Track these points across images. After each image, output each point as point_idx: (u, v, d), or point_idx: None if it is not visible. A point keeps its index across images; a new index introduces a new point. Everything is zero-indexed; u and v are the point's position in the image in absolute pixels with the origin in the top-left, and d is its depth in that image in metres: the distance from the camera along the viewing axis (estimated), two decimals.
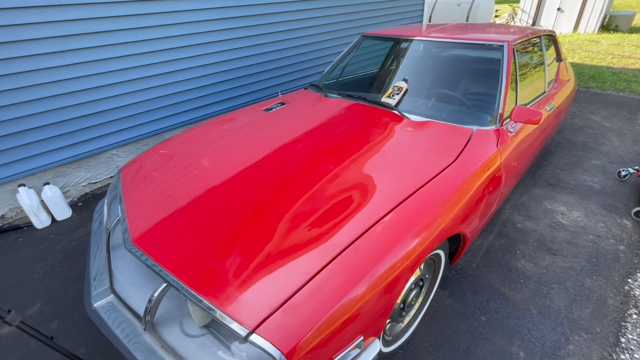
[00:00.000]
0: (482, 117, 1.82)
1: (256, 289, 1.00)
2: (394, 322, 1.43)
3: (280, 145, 1.71)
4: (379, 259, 1.07)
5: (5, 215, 2.61)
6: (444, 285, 1.86)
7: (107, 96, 2.76)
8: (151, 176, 1.66)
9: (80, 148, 2.78)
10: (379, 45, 2.70)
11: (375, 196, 1.28)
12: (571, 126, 3.82)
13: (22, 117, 2.42)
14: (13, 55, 2.26)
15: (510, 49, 1.96)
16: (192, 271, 1.10)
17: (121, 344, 1.14)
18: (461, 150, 1.56)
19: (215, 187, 1.44)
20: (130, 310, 1.24)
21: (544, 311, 1.69)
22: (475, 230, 1.59)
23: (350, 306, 0.99)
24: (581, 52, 7.80)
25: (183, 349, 1.09)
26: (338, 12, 4.42)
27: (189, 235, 1.23)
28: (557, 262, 1.99)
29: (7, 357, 1.59)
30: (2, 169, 2.45)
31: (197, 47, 3.16)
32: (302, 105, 2.22)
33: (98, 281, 1.39)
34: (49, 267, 2.14)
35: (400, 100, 1.99)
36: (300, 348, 0.90)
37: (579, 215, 2.37)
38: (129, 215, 1.43)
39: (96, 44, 2.58)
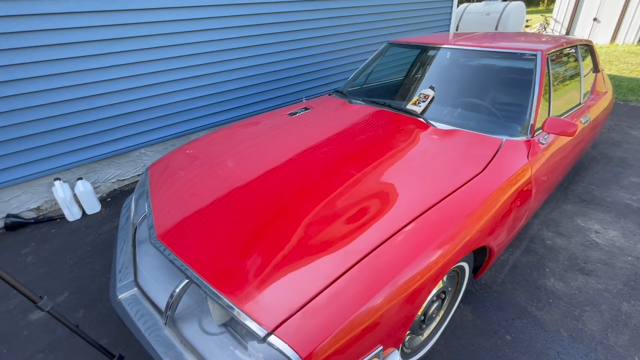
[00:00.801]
0: (512, 127, 1.75)
1: (276, 290, 1.00)
2: (414, 334, 1.38)
3: (304, 149, 1.71)
4: (401, 267, 1.04)
5: (40, 207, 2.76)
6: (467, 300, 1.78)
7: (138, 98, 2.89)
8: (177, 175, 1.70)
9: (112, 146, 2.91)
10: (405, 53, 2.68)
11: (399, 203, 1.26)
12: (608, 140, 3.62)
13: (62, 115, 2.57)
14: (58, 56, 2.41)
15: (543, 58, 1.89)
16: (213, 269, 1.11)
17: (142, 336, 1.16)
18: (489, 161, 1.51)
19: (239, 188, 1.46)
20: (152, 304, 1.27)
21: (575, 335, 1.59)
22: (502, 244, 1.52)
23: (371, 314, 0.96)
24: (619, 64, 7.44)
25: (201, 345, 1.10)
26: (365, 20, 4.45)
27: (212, 233, 1.25)
28: (591, 283, 1.87)
29: (35, 342, 1.66)
30: (42, 163, 2.60)
31: (224, 53, 3.26)
32: (326, 110, 2.23)
33: (123, 274, 1.43)
34: (78, 259, 2.23)
35: (427, 108, 1.96)
36: (319, 353, 0.88)
37: (615, 235, 2.23)
38: (155, 211, 1.47)
39: (131, 47, 2.72)
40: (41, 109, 2.47)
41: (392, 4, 4.72)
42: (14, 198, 2.62)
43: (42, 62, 2.38)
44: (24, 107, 2.39)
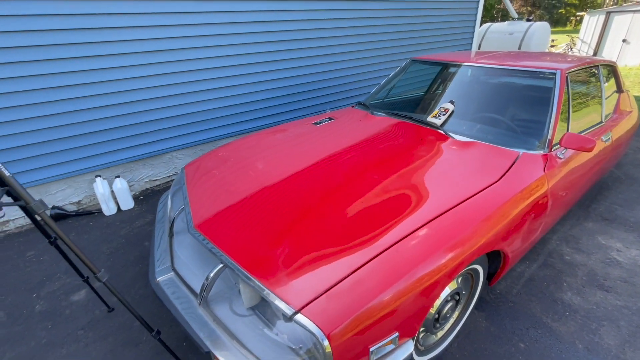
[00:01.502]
0: (530, 141, 1.82)
1: (303, 275, 1.11)
2: (428, 332, 1.44)
3: (329, 154, 1.84)
4: (418, 262, 1.13)
5: (81, 201, 3.00)
6: (481, 308, 1.82)
7: (173, 105, 3.12)
8: (212, 173, 1.86)
9: (147, 148, 3.14)
10: (426, 70, 2.80)
11: (417, 206, 1.35)
12: (634, 162, 3.56)
13: (106, 118, 2.82)
14: (107, 65, 2.68)
15: (563, 76, 1.96)
16: (246, 255, 1.23)
17: (179, 314, 1.29)
18: (506, 171, 1.58)
19: (269, 187, 1.59)
20: (187, 286, 1.40)
21: (591, 347, 1.59)
22: (517, 252, 1.57)
23: (389, 302, 1.05)
24: None
25: (231, 324, 1.21)
26: (390, 37, 4.62)
27: (245, 225, 1.38)
28: (610, 300, 1.86)
29: (76, 320, 1.82)
30: (86, 161, 2.85)
31: (252, 66, 3.48)
32: (349, 121, 2.36)
33: (161, 260, 1.58)
34: (113, 249, 2.42)
35: (446, 121, 2.05)
36: (341, 332, 0.98)
37: (637, 254, 2.20)
38: (192, 205, 1.62)
39: (170, 58, 2.97)
40: (89, 112, 2.73)
41: (414, 23, 4.88)
42: (59, 192, 2.86)
43: (92, 71, 2.65)
44: (74, 110, 2.65)
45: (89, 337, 1.72)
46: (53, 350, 1.66)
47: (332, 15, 3.88)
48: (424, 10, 4.93)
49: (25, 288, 2.07)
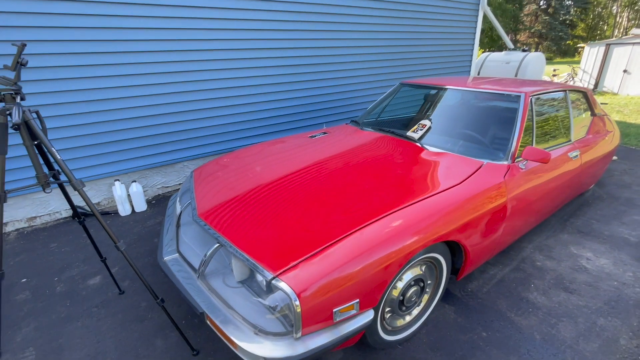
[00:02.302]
0: (495, 153, 2.07)
1: (282, 249, 1.35)
2: (395, 314, 1.64)
3: (317, 161, 2.11)
4: (377, 242, 1.36)
5: (100, 203, 3.32)
6: (452, 302, 2.00)
7: (187, 119, 3.48)
8: (216, 175, 2.15)
9: (162, 157, 3.48)
10: (413, 92, 3.11)
11: (385, 200, 1.59)
12: (618, 182, 3.73)
13: (127, 129, 3.18)
14: (124, 84, 3.08)
15: (527, 99, 2.22)
16: (238, 235, 1.49)
17: (181, 285, 1.53)
18: (468, 176, 1.83)
19: (263, 185, 1.87)
20: (189, 264, 1.65)
21: (547, 338, 1.75)
22: (478, 247, 1.78)
23: (351, 273, 1.28)
24: None
25: (223, 293, 1.45)
26: (390, 64, 5.02)
27: (239, 213, 1.64)
28: (572, 300, 2.02)
29: (91, 300, 2.07)
30: (108, 166, 3.19)
31: (258, 87, 3.86)
32: (341, 135, 2.65)
33: (168, 245, 1.84)
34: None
35: (424, 135, 2.32)
36: (310, 294, 1.20)
37: (605, 263, 2.36)
38: (197, 199, 1.90)
39: (187, 79, 3.36)
40: (113, 123, 3.10)
41: (415, 52, 5.28)
42: None
43: (115, 88, 3.04)
44: (100, 121, 3.03)
45: (101, 314, 1.97)
46: (70, 322, 1.90)
47: (337, 44, 4.29)
48: (423, 40, 5.34)
49: (48, 273, 2.35)
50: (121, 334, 1.82)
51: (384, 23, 4.73)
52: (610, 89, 10.97)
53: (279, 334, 1.25)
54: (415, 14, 5.06)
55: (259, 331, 1.26)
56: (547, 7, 35.68)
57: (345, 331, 1.29)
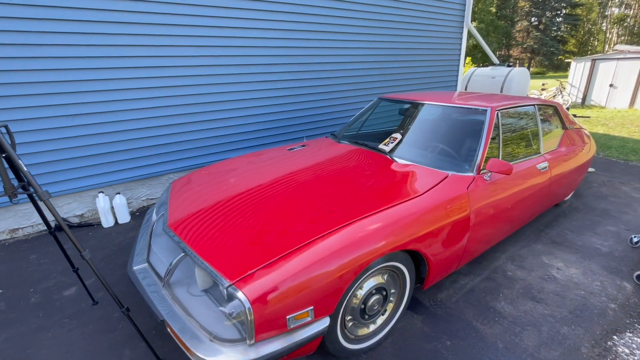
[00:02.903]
0: (461, 165, 2.14)
1: (242, 259, 1.40)
2: (357, 322, 1.67)
3: (290, 172, 2.18)
4: (331, 252, 1.40)
5: (84, 214, 3.36)
6: (420, 312, 2.03)
7: (172, 132, 3.56)
8: (192, 187, 2.21)
9: (147, 170, 3.54)
10: (391, 106, 3.20)
11: (346, 211, 1.65)
12: (596, 194, 3.80)
13: (112, 142, 3.25)
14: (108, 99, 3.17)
15: (492, 113, 2.31)
16: (202, 245, 1.53)
17: (145, 293, 1.57)
18: (431, 187, 1.89)
19: (234, 197, 1.92)
20: (156, 274, 1.69)
21: (510, 347, 1.78)
22: (440, 257, 1.82)
23: (305, 281, 1.32)
24: (631, 127, 7.61)
25: (186, 301, 1.49)
26: (376, 79, 5.15)
27: (208, 224, 1.69)
28: (538, 309, 2.05)
29: (64, 310, 2.09)
30: (92, 179, 3.24)
31: (245, 102, 3.96)
32: (318, 148, 2.72)
33: (139, 254, 1.88)
34: (106, 255, 2.72)
35: (394, 148, 2.40)
36: (263, 301, 1.24)
37: (575, 273, 2.40)
38: (170, 210, 1.96)
39: (172, 94, 3.46)
40: (98, 137, 3.17)
41: (401, 67, 5.43)
42: (66, 205, 3.23)
43: (100, 103, 3.13)
44: (86, 134, 3.10)
45: (73, 324, 1.98)
46: (40, 333, 1.92)
47: (323, 60, 4.43)
48: (409, 55, 5.50)
49: (24, 284, 2.36)
50: (90, 345, 1.83)
51: (370, 40, 4.89)
52: (598, 103, 11.21)
53: (233, 341, 1.28)
54: (400, 31, 5.23)
55: (215, 338, 1.30)
56: (538, 23, 36.72)
57: (300, 338, 1.33)
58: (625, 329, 1.93)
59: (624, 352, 1.78)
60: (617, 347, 1.81)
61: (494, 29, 33.00)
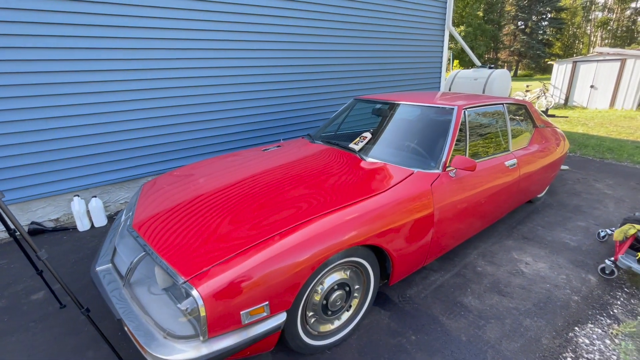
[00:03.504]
0: (427, 162, 2.18)
1: (198, 257, 1.41)
2: (320, 318, 1.68)
3: (260, 172, 2.19)
4: (287, 247, 1.42)
5: (59, 218, 3.32)
6: (388, 308, 2.05)
7: (148, 135, 3.55)
8: (161, 188, 2.21)
9: (125, 173, 3.52)
10: (366, 106, 3.25)
11: (307, 208, 1.67)
12: (569, 191, 3.89)
13: (87, 145, 3.23)
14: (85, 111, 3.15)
15: (459, 112, 2.36)
16: (162, 244, 1.54)
17: (106, 293, 1.56)
18: (396, 184, 1.92)
19: (200, 197, 1.93)
20: (119, 274, 1.68)
21: (473, 340, 1.81)
22: (404, 253, 1.85)
23: (260, 277, 1.33)
24: (610, 126, 7.79)
25: (145, 299, 1.49)
26: (358, 81, 5.21)
27: (170, 224, 1.69)
28: (504, 302, 2.09)
29: (30, 315, 2.06)
30: (67, 182, 3.21)
31: (223, 104, 3.97)
32: (292, 148, 2.75)
33: (104, 255, 1.87)
34: (79, 259, 2.69)
35: (364, 147, 2.43)
36: (215, 296, 1.25)
37: (542, 267, 2.45)
38: (137, 210, 1.95)
39: (148, 96, 3.45)
40: (70, 140, 3.14)
41: (383, 69, 5.50)
42: (40, 209, 3.19)
43: (78, 106, 3.11)
44: (60, 137, 3.07)
45: (38, 328, 1.96)
46: (4, 337, 1.89)
47: (306, 62, 4.47)
48: (390, 57, 5.57)
49: None
50: (54, 347, 1.81)
51: (353, 43, 4.95)
52: (580, 104, 11.47)
53: (187, 337, 1.29)
54: (381, 34, 5.30)
55: (168, 335, 1.30)
56: (525, 27, 37.47)
57: (255, 333, 1.34)
58: (587, 320, 1.98)
59: (584, 342, 1.83)
60: (577, 337, 1.86)
61: (481, 32, 33.56)
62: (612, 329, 1.90)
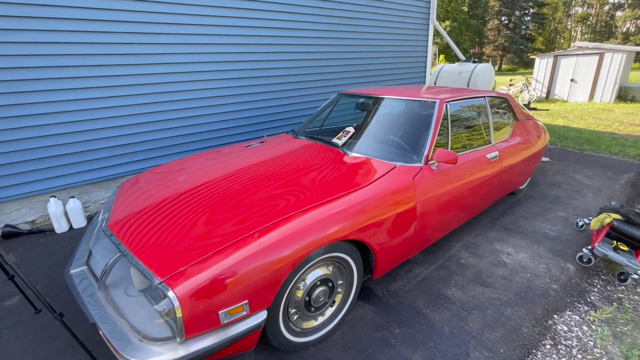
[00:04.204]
0: (409, 156, 2.18)
1: (174, 257, 1.37)
2: (303, 315, 1.67)
3: (241, 168, 2.15)
4: (266, 245, 1.39)
5: (35, 221, 3.20)
6: (372, 302, 2.06)
7: (128, 133, 3.45)
8: (139, 187, 2.14)
9: (104, 172, 3.41)
10: (351, 101, 3.23)
11: (287, 205, 1.64)
12: (550, 182, 3.97)
13: (63, 145, 3.11)
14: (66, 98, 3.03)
15: (441, 105, 2.37)
16: (138, 244, 1.49)
17: (80, 297, 1.51)
18: (377, 178, 1.91)
19: (178, 196, 1.88)
20: (94, 276, 1.63)
21: (455, 331, 1.83)
22: (387, 246, 1.85)
23: (238, 276, 1.31)
24: (589, 118, 8.00)
25: (120, 302, 1.44)
26: (342, 76, 5.18)
27: (146, 224, 1.64)
28: (486, 293, 2.12)
29: (3, 321, 1.98)
30: (42, 183, 3.09)
31: (204, 100, 3.89)
32: (275, 143, 2.71)
33: (79, 258, 1.81)
34: (56, 261, 2.60)
35: (347, 142, 2.42)
36: (192, 296, 1.22)
37: (524, 257, 2.50)
38: (113, 211, 1.89)
39: (126, 93, 3.35)
40: (46, 139, 3.02)
41: (367, 63, 5.48)
42: (14, 211, 3.07)
43: (52, 103, 2.99)
44: (33, 136, 2.95)
45: (11, 334, 1.88)
46: None
47: (288, 57, 4.41)
48: (375, 52, 5.56)
49: None
50: (28, 354, 1.75)
51: (337, 37, 4.91)
52: (561, 97, 11.73)
53: (164, 339, 1.25)
54: (365, 28, 5.28)
55: (144, 337, 1.26)
56: (509, 22, 38.05)
57: (235, 332, 1.31)
58: (566, 308, 2.03)
59: (562, 329, 1.87)
60: (556, 325, 1.90)
61: (466, 27, 33.92)
62: (589, 316, 1.95)
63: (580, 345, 1.76)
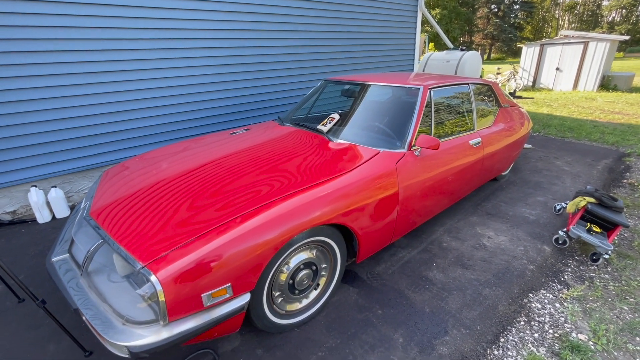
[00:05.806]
0: (393, 142, 2.20)
1: (156, 242, 1.37)
2: (287, 297, 1.71)
3: (224, 155, 2.14)
4: (247, 229, 1.41)
5: (16, 211, 3.13)
6: (356, 285, 2.11)
7: (110, 121, 3.38)
8: (122, 175, 2.12)
9: (87, 161, 3.34)
10: (337, 88, 3.22)
11: (270, 190, 1.65)
12: (532, 169, 4.08)
13: (43, 132, 3.03)
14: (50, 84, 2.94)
15: (425, 91, 2.39)
16: (120, 231, 1.48)
17: (62, 285, 1.50)
18: (361, 164, 1.94)
19: (160, 183, 1.86)
20: (76, 264, 1.62)
21: (435, 310, 1.90)
22: (370, 230, 1.89)
23: (221, 259, 1.32)
24: (572, 107, 8.16)
25: (103, 288, 1.45)
26: (328, 63, 5.13)
27: (128, 211, 1.63)
28: (466, 275, 2.20)
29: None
30: (22, 172, 3.02)
31: (190, 87, 3.82)
32: (260, 131, 2.70)
33: (61, 246, 1.79)
34: (39, 252, 2.57)
35: (332, 128, 2.43)
36: (173, 280, 1.23)
37: (503, 240, 2.59)
38: (95, 198, 1.87)
39: (111, 79, 3.26)
40: (24, 127, 2.94)
41: (355, 51, 5.44)
42: None
43: (31, 89, 2.90)
44: (10, 124, 2.86)
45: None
46: None
47: (274, 43, 4.34)
48: (362, 39, 5.51)
49: None
50: (12, 343, 1.74)
51: (324, 24, 4.84)
52: (547, 86, 11.91)
53: (147, 322, 1.27)
54: (353, 14, 5.22)
55: (127, 321, 1.28)
56: (498, 10, 38.09)
57: (217, 315, 1.34)
58: (540, 287, 2.12)
59: (536, 307, 1.96)
60: (531, 303, 1.99)
61: (456, 15, 33.83)
62: (562, 294, 2.05)
63: (552, 321, 1.85)
